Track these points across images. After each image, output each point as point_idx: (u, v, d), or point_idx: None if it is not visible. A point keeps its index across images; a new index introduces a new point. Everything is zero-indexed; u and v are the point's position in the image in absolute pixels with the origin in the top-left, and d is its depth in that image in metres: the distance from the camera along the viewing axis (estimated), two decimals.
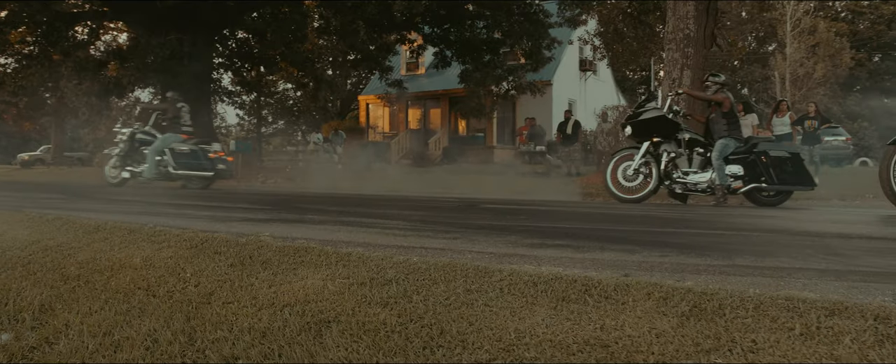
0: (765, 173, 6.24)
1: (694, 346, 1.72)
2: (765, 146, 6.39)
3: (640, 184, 6.72)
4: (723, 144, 6.43)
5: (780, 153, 6.32)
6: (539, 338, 1.85)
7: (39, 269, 3.20)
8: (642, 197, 6.67)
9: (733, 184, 6.35)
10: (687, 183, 6.55)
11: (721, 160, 6.37)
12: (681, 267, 2.37)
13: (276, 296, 2.39)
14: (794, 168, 6.27)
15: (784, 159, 6.28)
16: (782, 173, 6.24)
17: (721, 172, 6.36)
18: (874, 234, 3.76)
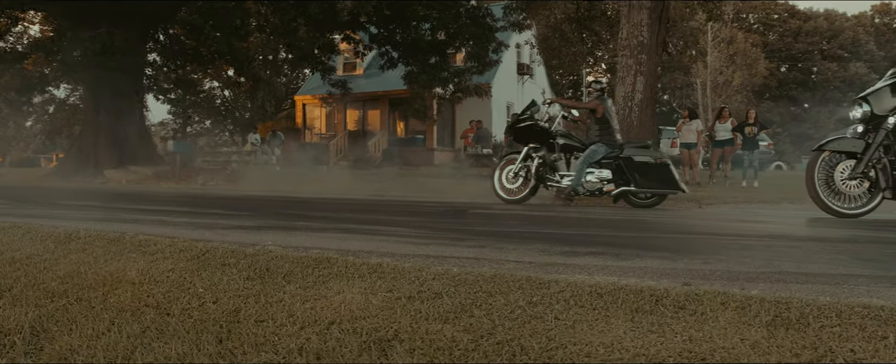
0: (631, 178, 6.55)
1: (793, 355, 1.70)
2: (630, 152, 6.67)
3: (520, 186, 7.03)
4: (592, 150, 6.76)
5: (644, 159, 6.61)
6: (630, 352, 1.78)
7: (14, 285, 2.88)
8: (522, 198, 6.97)
9: (605, 187, 6.65)
10: (559, 185, 6.86)
11: (584, 164, 6.68)
12: (733, 275, 2.36)
13: (315, 312, 2.23)
14: (659, 173, 6.56)
15: (649, 164, 6.58)
16: (647, 178, 6.55)
17: (578, 175, 6.66)
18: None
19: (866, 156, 4.97)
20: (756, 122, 10.55)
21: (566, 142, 7.00)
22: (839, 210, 5.13)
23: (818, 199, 5.20)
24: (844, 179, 5.12)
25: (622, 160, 6.63)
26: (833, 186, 5.16)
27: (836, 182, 5.15)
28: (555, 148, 6.97)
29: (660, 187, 6.59)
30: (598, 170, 6.68)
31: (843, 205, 5.14)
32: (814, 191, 5.19)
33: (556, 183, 6.88)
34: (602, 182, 6.65)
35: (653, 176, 6.55)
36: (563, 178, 6.86)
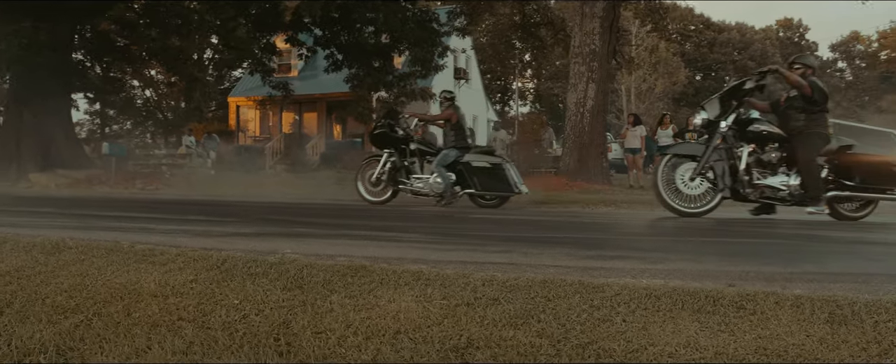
0: (471, 181, 6.95)
1: (860, 349, 1.82)
2: (469, 158, 7.04)
3: (382, 189, 7.46)
4: (444, 154, 7.16)
5: (482, 164, 7.00)
6: (709, 351, 1.86)
7: (12, 300, 2.68)
8: (385, 200, 7.40)
9: (455, 188, 7.04)
10: (412, 188, 7.25)
11: (440, 167, 7.06)
12: (773, 276, 2.49)
13: (373, 321, 2.19)
14: (494, 177, 6.96)
15: (485, 168, 6.98)
16: (485, 181, 6.96)
17: (444, 178, 6.99)
18: None
19: (704, 158, 5.41)
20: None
21: (418, 147, 7.48)
22: (681, 209, 5.54)
23: (662, 199, 5.64)
24: (686, 181, 5.54)
25: (462, 165, 7.02)
26: (676, 187, 5.57)
27: (678, 183, 5.56)
28: (407, 153, 7.42)
29: (497, 189, 6.98)
30: (448, 173, 7.08)
31: (686, 204, 5.56)
32: (658, 192, 5.63)
33: (408, 185, 7.29)
34: (451, 184, 7.06)
35: (490, 179, 6.95)
36: (415, 182, 7.26)
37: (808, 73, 5.43)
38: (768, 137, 5.41)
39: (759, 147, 5.43)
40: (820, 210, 5.26)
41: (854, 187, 5.30)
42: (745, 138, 5.42)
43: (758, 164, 5.42)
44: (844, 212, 5.57)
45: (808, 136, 5.29)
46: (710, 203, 5.52)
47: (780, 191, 5.32)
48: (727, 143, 5.41)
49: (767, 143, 5.42)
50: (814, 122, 5.31)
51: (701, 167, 5.43)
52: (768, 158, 5.40)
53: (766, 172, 5.39)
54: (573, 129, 9.98)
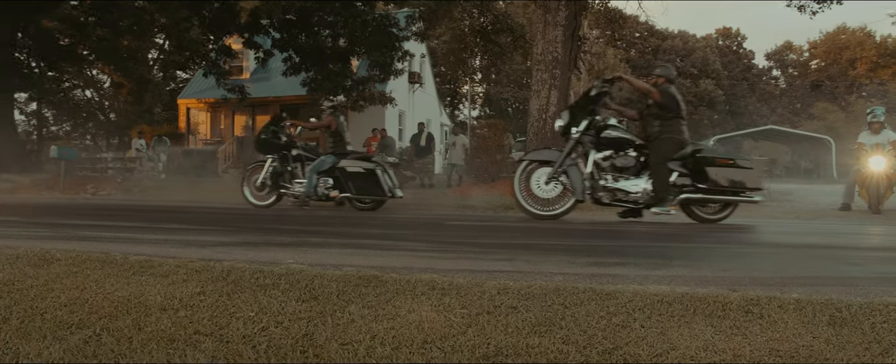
0: (346, 186, 7.25)
1: (864, 349, 1.97)
2: (344, 163, 7.34)
3: (267, 193, 7.74)
4: (321, 160, 7.46)
5: (356, 169, 7.29)
6: (728, 353, 1.97)
7: (9, 315, 2.59)
8: (269, 204, 7.68)
9: (331, 192, 7.32)
10: (293, 192, 7.54)
11: (313, 173, 7.36)
12: (767, 280, 2.64)
13: (397, 331, 2.22)
14: (368, 181, 7.26)
15: (359, 174, 7.28)
16: (359, 185, 7.26)
17: (310, 183, 7.32)
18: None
19: (557, 163, 5.74)
20: None
21: (299, 153, 7.79)
22: (536, 212, 5.87)
23: (518, 202, 5.96)
24: (541, 185, 5.85)
25: (338, 170, 7.30)
26: (531, 191, 5.88)
27: (533, 187, 5.87)
28: (288, 159, 7.69)
29: (372, 193, 7.28)
30: (324, 178, 7.35)
31: (541, 207, 5.88)
32: (515, 195, 5.95)
33: (289, 189, 7.55)
34: (328, 189, 7.33)
35: (364, 183, 7.25)
36: (297, 186, 7.53)
37: (660, 81, 5.76)
38: (622, 142, 5.67)
39: (616, 152, 5.69)
40: (664, 211, 5.53)
41: (707, 190, 5.53)
42: (601, 144, 5.69)
43: (614, 168, 5.69)
44: (703, 214, 5.79)
45: (660, 141, 5.59)
46: (564, 206, 5.81)
47: (632, 194, 5.60)
48: (585, 149, 5.71)
49: (624, 147, 5.68)
50: (667, 127, 5.60)
51: (554, 172, 5.74)
52: (623, 163, 5.68)
53: (621, 176, 5.67)
54: (536, 136, 10.16)
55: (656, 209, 5.56)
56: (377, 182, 7.20)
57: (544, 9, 9.61)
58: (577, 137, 5.72)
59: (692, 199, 5.61)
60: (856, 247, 4.14)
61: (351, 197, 7.27)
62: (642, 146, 5.70)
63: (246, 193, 7.81)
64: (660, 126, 5.63)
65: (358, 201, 7.37)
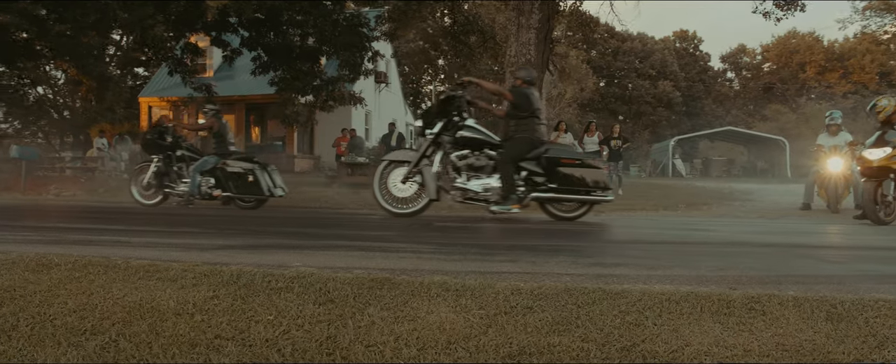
0: (226, 185, 7.54)
1: (861, 342, 2.11)
2: (226, 163, 7.62)
3: (153, 192, 8.01)
4: (203, 160, 7.74)
5: (236, 169, 7.57)
6: (738, 349, 2.10)
7: (17, 323, 2.56)
8: (156, 203, 7.93)
9: (214, 192, 7.61)
10: (176, 190, 7.81)
11: (196, 172, 7.62)
12: (763, 279, 2.79)
13: (420, 333, 2.29)
14: (247, 181, 7.52)
15: (239, 174, 7.54)
16: (238, 185, 7.52)
17: (192, 182, 7.60)
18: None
19: (412, 164, 6.00)
20: (620, 136, 11.74)
21: (183, 153, 8.04)
22: (393, 210, 6.11)
23: (377, 200, 6.20)
24: (397, 184, 6.10)
25: (219, 170, 7.57)
26: (389, 190, 6.13)
27: (390, 186, 6.12)
28: (173, 159, 7.95)
29: (251, 193, 7.54)
30: (206, 178, 7.62)
31: (398, 206, 6.13)
32: (374, 193, 6.19)
33: (174, 188, 7.83)
34: (210, 188, 7.60)
35: (242, 183, 7.50)
36: (181, 185, 7.79)
37: (518, 83, 6.04)
38: (478, 142, 5.87)
39: (473, 151, 5.89)
40: (506, 210, 5.73)
41: (557, 189, 5.75)
42: (457, 144, 5.89)
43: (469, 167, 5.89)
44: (558, 212, 6.01)
45: (512, 141, 5.83)
46: (419, 205, 6.04)
47: (480, 192, 5.82)
48: (443, 149, 5.92)
49: (480, 147, 5.87)
50: (520, 127, 5.84)
51: (409, 172, 5.97)
52: (478, 162, 5.88)
53: (475, 175, 5.88)
54: None
55: (496, 208, 5.75)
56: (256, 182, 7.45)
57: (518, 11, 9.75)
58: (432, 138, 5.91)
59: (542, 197, 5.80)
60: (830, 245, 4.37)
61: (232, 196, 7.52)
62: (499, 146, 5.87)
63: (134, 193, 8.05)
64: (514, 126, 5.87)
65: (241, 200, 7.62)
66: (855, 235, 5.26)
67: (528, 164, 5.76)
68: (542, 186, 5.74)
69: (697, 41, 57.09)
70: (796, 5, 9.05)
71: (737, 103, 53.41)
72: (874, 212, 6.16)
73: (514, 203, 5.72)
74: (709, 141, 39.62)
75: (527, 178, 5.77)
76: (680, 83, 52.16)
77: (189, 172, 7.70)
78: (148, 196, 7.99)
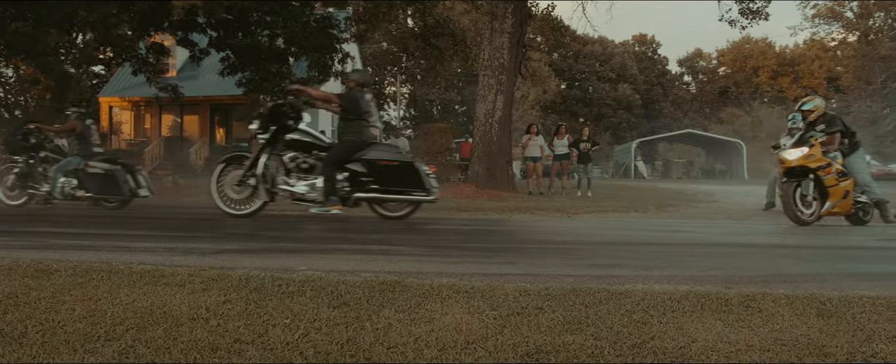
0: (88, 186, 7.62)
1: (852, 336, 2.28)
2: (88, 165, 7.68)
3: (18, 193, 8.12)
4: (66, 161, 7.80)
5: (95, 170, 7.66)
6: (740, 344, 2.23)
7: (25, 331, 2.54)
8: (22, 203, 8.06)
9: (77, 192, 7.66)
10: (39, 191, 7.93)
11: (58, 173, 7.69)
12: (753, 278, 2.95)
13: (439, 334, 2.36)
14: (107, 182, 7.61)
15: (98, 174, 7.64)
16: (99, 185, 7.62)
17: (53, 183, 7.68)
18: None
19: (245, 166, 6.21)
20: (589, 139, 11.99)
21: (46, 154, 8.11)
22: (229, 211, 6.30)
23: (215, 202, 6.37)
24: (233, 186, 6.29)
25: (81, 171, 7.67)
26: (225, 192, 6.33)
27: (226, 188, 6.34)
28: (37, 160, 8.03)
29: (112, 193, 7.63)
30: (69, 179, 7.67)
31: (234, 207, 6.32)
32: (212, 195, 6.37)
33: (38, 189, 7.91)
34: (73, 189, 7.66)
35: (103, 184, 7.60)
36: (46, 185, 7.86)
37: (352, 85, 6.25)
38: (307, 145, 6.07)
39: (303, 153, 6.08)
40: (324, 211, 5.93)
41: (379, 189, 5.97)
42: (288, 146, 6.09)
43: (299, 169, 6.09)
44: (384, 212, 6.22)
45: (338, 143, 6.06)
46: (254, 206, 6.24)
47: (307, 193, 6.02)
48: (277, 152, 6.11)
49: (310, 150, 6.07)
50: (348, 130, 6.06)
51: (243, 174, 6.16)
52: (307, 164, 6.08)
53: (303, 176, 6.09)
54: (482, 139, 10.42)
55: (314, 209, 5.95)
56: (116, 183, 7.53)
57: (492, 16, 9.89)
58: (264, 142, 6.08)
59: (364, 197, 6.00)
60: (804, 245, 4.60)
61: (93, 196, 7.59)
62: (328, 148, 6.07)
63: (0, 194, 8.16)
64: (343, 128, 6.06)
65: (105, 200, 7.69)
66: (824, 235, 5.53)
67: (356, 165, 5.93)
68: (366, 187, 5.92)
69: (656, 45, 58.45)
70: (761, 14, 9.44)
71: (694, 106, 54.87)
72: (794, 212, 6.23)
73: (335, 204, 5.90)
74: (668, 143, 40.65)
75: (353, 179, 5.94)
76: (639, 86, 53.36)
77: (51, 173, 7.75)
78: (12, 197, 8.09)
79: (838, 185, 6.26)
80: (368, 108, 6.11)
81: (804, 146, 6.33)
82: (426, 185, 5.94)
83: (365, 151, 5.92)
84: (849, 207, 6.47)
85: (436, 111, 49.35)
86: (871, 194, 6.70)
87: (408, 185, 5.91)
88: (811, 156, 6.24)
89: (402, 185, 5.91)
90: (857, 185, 6.58)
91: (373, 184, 5.90)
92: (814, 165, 6.22)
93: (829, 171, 6.23)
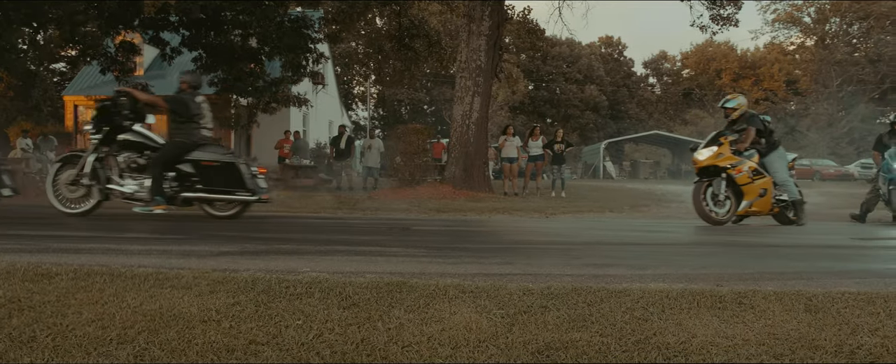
0: None
1: (838, 329, 2.43)
2: None
3: None
4: None
5: None
6: (737, 339, 2.36)
7: (35, 334, 2.53)
8: None
9: None
10: None
11: None
12: (742, 276, 3.09)
13: (451, 333, 2.44)
14: None
15: None
16: None
17: None
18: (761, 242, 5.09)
19: (79, 166, 6.31)
20: (563, 140, 12.19)
21: None
22: (64, 210, 6.39)
23: (50, 200, 6.46)
24: (68, 185, 6.43)
25: None
26: (61, 191, 6.44)
27: (61, 187, 6.45)
28: None
29: None
30: None
31: (69, 206, 6.43)
32: (47, 193, 6.46)
33: None
34: None
35: None
36: None
37: (184, 87, 6.41)
38: (138, 146, 6.20)
39: (137, 154, 6.22)
40: (147, 210, 6.14)
41: (204, 189, 6.15)
42: (122, 147, 6.22)
43: (130, 169, 6.26)
44: (213, 211, 6.35)
45: (167, 144, 6.23)
46: (88, 205, 6.37)
47: (135, 192, 6.19)
48: (112, 152, 6.25)
49: (142, 150, 6.21)
50: (177, 131, 6.27)
51: (76, 173, 6.28)
52: (135, 164, 6.22)
53: (134, 176, 6.25)
54: (459, 140, 10.52)
55: (137, 208, 6.14)
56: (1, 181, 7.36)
57: (469, 18, 9.99)
58: (97, 142, 6.19)
59: (190, 197, 6.17)
60: (783, 244, 4.80)
61: None
62: (158, 149, 6.21)
63: None
64: (173, 129, 6.27)
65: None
66: (792, 234, 5.78)
67: (184, 165, 6.08)
68: (193, 187, 6.09)
69: (622, 47, 59.36)
70: (731, 21, 9.76)
71: (659, 108, 55.93)
72: (704, 211, 6.26)
73: (160, 204, 6.07)
74: (634, 143, 41.38)
75: (181, 179, 6.09)
76: (606, 87, 54.13)
77: None
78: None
79: (753, 184, 6.23)
80: (199, 110, 6.23)
81: (714, 146, 6.35)
82: (248, 185, 6.08)
83: (193, 152, 6.05)
84: (769, 206, 6.44)
85: (404, 111, 49.32)
86: (790, 194, 6.65)
87: (231, 185, 6.06)
88: (720, 154, 6.24)
89: (225, 185, 6.07)
90: (778, 185, 6.57)
91: (199, 184, 6.07)
92: (723, 164, 6.22)
93: (740, 169, 6.21)
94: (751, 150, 6.49)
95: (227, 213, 6.27)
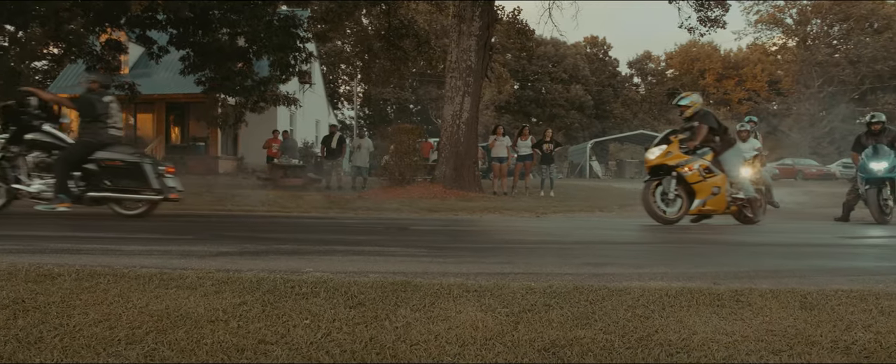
0: None
1: (833, 326, 2.50)
2: None
3: None
4: None
5: None
6: (736, 335, 2.43)
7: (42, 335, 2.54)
8: None
9: None
10: None
11: None
12: (738, 274, 3.17)
13: (458, 331, 2.48)
14: None
15: None
16: None
17: None
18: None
19: None
20: (552, 140, 12.28)
21: None
22: None
23: None
24: None
25: None
26: None
27: None
28: None
29: None
30: None
31: None
32: None
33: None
34: None
35: None
36: None
37: (94, 87, 6.40)
38: (46, 145, 6.25)
39: (46, 153, 6.26)
40: (50, 209, 6.14)
41: (110, 188, 6.20)
42: (31, 146, 6.25)
43: (38, 167, 6.30)
44: (121, 210, 6.39)
45: (73, 143, 6.28)
46: None
47: (42, 191, 6.24)
48: (21, 152, 6.26)
49: (51, 150, 6.25)
50: (85, 131, 6.29)
51: None
52: (43, 164, 6.27)
53: (40, 175, 6.29)
54: (449, 140, 10.57)
55: (40, 207, 6.18)
56: None
57: (459, 18, 10.04)
58: (3, 142, 6.23)
59: (96, 196, 6.23)
60: (773, 244, 4.91)
61: None
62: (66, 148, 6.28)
63: None
64: (81, 129, 6.29)
65: None
66: (777, 234, 5.89)
67: (91, 164, 6.13)
68: (100, 186, 6.15)
69: (607, 47, 59.74)
70: (718, 23, 9.89)
71: (643, 107, 56.36)
72: (653, 210, 6.20)
73: (63, 202, 6.10)
74: (619, 143, 41.68)
75: (88, 178, 6.14)
76: (591, 87, 54.46)
77: None
78: None
79: (704, 182, 6.14)
80: (106, 109, 6.24)
81: (664, 144, 6.33)
82: (153, 184, 6.11)
83: (97, 152, 6.09)
84: (724, 204, 6.37)
85: (390, 111, 49.26)
86: (745, 192, 6.58)
87: (135, 184, 6.12)
88: (669, 153, 6.20)
89: (130, 184, 6.13)
90: (733, 183, 6.49)
91: (105, 182, 6.13)
92: (672, 163, 6.17)
93: (690, 167, 6.13)
94: (705, 148, 6.42)
95: (134, 212, 6.30)
